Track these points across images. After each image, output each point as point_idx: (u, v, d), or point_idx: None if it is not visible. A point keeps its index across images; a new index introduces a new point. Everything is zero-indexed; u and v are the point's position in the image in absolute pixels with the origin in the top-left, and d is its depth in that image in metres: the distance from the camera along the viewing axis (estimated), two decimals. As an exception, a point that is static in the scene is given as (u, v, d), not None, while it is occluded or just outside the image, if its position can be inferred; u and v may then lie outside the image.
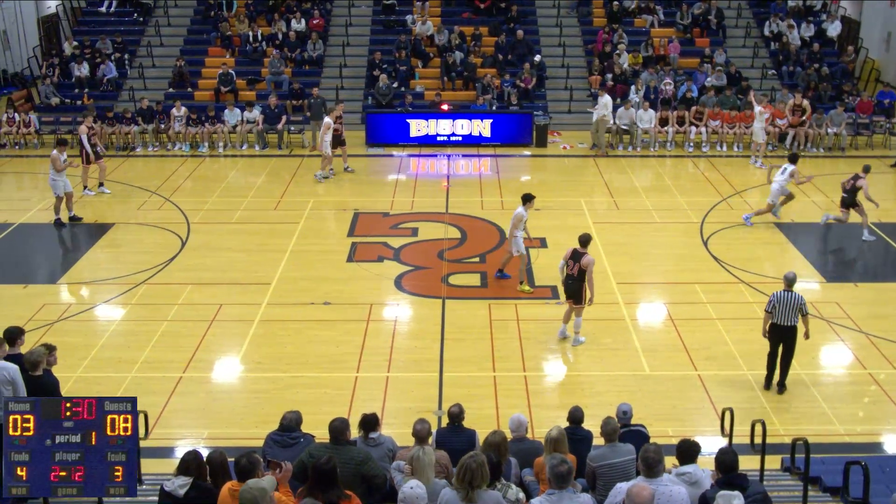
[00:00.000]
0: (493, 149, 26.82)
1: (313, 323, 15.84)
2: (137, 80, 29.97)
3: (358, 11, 32.83)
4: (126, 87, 29.73)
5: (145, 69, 30.35)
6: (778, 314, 13.11)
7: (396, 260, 18.58)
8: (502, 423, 11.99)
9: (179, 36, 32.14)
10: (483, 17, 32.25)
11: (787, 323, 13.11)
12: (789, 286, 13.17)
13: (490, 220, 20.80)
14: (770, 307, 13.18)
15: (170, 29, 32.36)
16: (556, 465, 7.53)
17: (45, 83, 29.49)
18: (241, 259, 18.61)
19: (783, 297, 13.08)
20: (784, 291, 13.11)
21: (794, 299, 13.05)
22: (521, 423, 9.73)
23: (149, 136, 26.85)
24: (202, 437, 12.54)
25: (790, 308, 13.04)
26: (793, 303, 13.03)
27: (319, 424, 9.67)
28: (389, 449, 9.32)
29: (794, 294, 13.10)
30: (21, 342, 10.62)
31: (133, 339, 15.29)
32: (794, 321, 13.11)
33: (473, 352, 14.83)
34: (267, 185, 23.44)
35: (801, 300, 13.08)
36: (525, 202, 16.55)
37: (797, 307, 13.04)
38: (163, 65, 30.59)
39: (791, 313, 13.05)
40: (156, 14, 32.95)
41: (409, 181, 24.16)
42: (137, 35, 32.07)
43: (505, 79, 28.90)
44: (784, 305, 13.06)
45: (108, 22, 32.96)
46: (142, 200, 22.09)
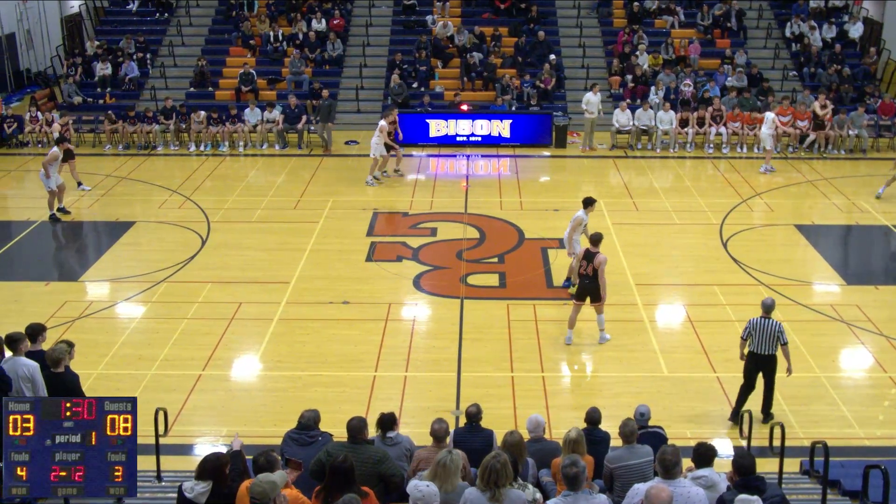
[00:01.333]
0: (513, 149, 26.80)
1: (332, 322, 15.87)
2: (159, 80, 30.12)
3: (378, 12, 32.88)
4: (148, 87, 29.89)
5: (167, 68, 30.51)
6: (755, 342, 12.28)
7: (415, 260, 18.59)
8: (520, 423, 11.97)
9: (201, 35, 32.29)
10: (503, 18, 32.23)
11: (765, 352, 12.27)
12: (766, 313, 12.28)
13: (509, 220, 20.78)
14: (745, 334, 12.42)
15: (191, 28, 32.51)
16: (567, 466, 7.50)
17: (67, 82, 29.68)
18: (260, 258, 18.67)
19: (760, 324, 12.22)
20: (761, 318, 12.25)
21: (773, 327, 12.17)
22: (539, 424, 9.71)
23: (170, 135, 26.99)
24: (221, 434, 12.58)
25: (768, 336, 12.17)
26: (770, 330, 12.16)
27: (337, 423, 9.69)
28: (407, 448, 9.32)
29: (772, 321, 12.23)
30: (42, 339, 10.68)
31: (153, 337, 15.37)
32: (772, 350, 12.24)
33: (491, 352, 14.81)
34: (287, 185, 23.51)
35: (780, 328, 12.20)
36: (586, 206, 16.26)
37: (775, 335, 12.16)
38: (184, 64, 30.74)
39: (769, 342, 12.18)
40: (178, 14, 33.11)
41: (429, 181, 24.17)
42: (159, 34, 32.24)
43: (525, 79, 28.87)
44: (761, 333, 12.21)
45: (130, 21, 33.16)
46: (162, 199, 22.19)
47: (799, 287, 17.29)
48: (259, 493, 6.93)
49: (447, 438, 9.16)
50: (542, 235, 19.80)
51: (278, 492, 7.09)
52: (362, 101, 29.18)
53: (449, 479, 7.73)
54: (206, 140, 26.63)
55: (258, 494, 6.93)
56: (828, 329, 15.66)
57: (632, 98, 28.15)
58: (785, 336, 12.24)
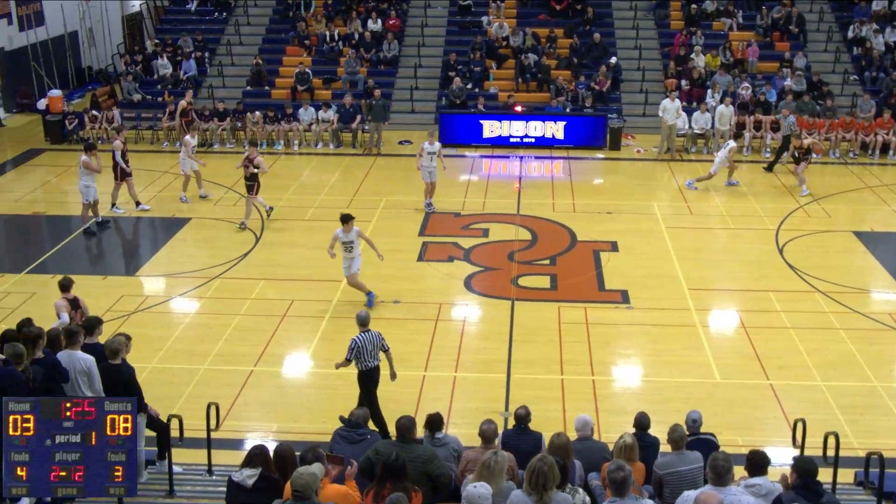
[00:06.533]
0: (566, 151, 26.67)
1: (383, 321, 15.87)
2: (216, 78, 30.48)
3: (434, 12, 32.92)
4: (205, 85, 30.26)
5: (224, 67, 30.86)
6: None
7: (466, 260, 18.59)
8: (569, 426, 11.88)
9: (258, 35, 32.60)
10: (559, 19, 32.10)
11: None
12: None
13: (561, 222, 20.68)
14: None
15: (249, 28, 32.85)
16: (613, 471, 7.44)
17: (127, 80, 30.15)
18: (313, 256, 18.77)
19: None
20: None
21: None
22: (587, 423, 9.64)
23: (226, 133, 27.28)
24: (271, 430, 12.70)
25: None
26: None
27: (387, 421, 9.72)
28: (454, 449, 9.32)
29: None
30: (99, 332, 10.88)
31: (206, 332, 15.55)
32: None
33: (541, 354, 14.75)
34: (340, 184, 23.64)
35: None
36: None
37: None
38: (241, 63, 31.06)
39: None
40: (236, 13, 33.47)
41: (481, 182, 24.15)
42: (218, 34, 32.62)
43: (579, 81, 28.72)
44: None
45: (189, 20, 33.60)
46: (218, 196, 22.44)
47: (856, 295, 16.96)
48: (301, 485, 7.02)
49: (496, 440, 9.15)
50: (595, 238, 19.67)
51: (319, 484, 7.16)
52: (416, 102, 29.25)
53: (494, 480, 7.70)
54: (261, 138, 26.87)
55: (300, 487, 7.02)
56: (885, 338, 15.34)
57: (687, 101, 27.84)
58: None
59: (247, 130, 27.02)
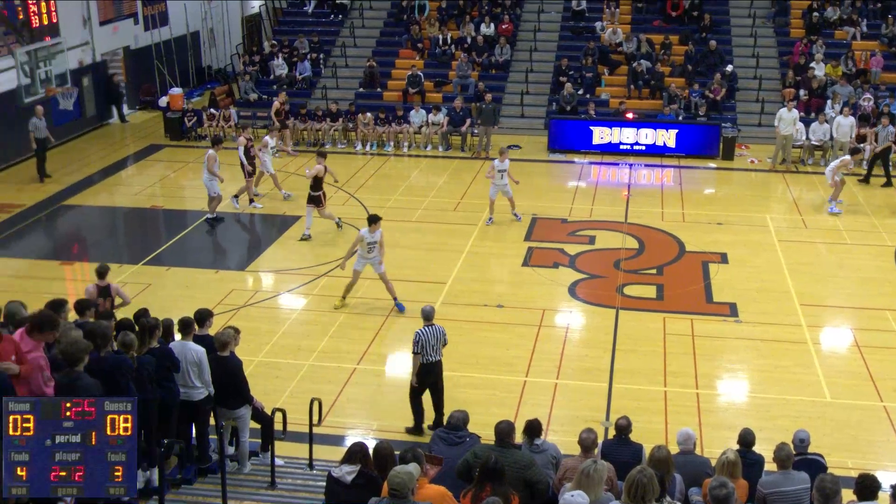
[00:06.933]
0: (677, 160, 26.25)
1: (485, 325, 15.95)
2: (330, 79, 31.01)
3: (547, 17, 32.81)
4: (319, 86, 30.82)
5: (338, 69, 31.37)
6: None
7: (572, 267, 18.47)
8: (671, 439, 11.72)
9: (372, 37, 33.05)
10: (674, 26, 31.61)
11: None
12: None
13: (670, 232, 20.37)
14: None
15: (363, 30, 33.32)
16: (715, 487, 7.30)
17: (244, 79, 30.93)
18: (418, 257, 18.95)
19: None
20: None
21: None
22: (690, 437, 9.48)
23: (337, 133, 27.72)
24: (372, 428, 12.85)
25: None
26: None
27: (485, 425, 9.74)
28: (553, 456, 9.27)
29: None
30: (209, 324, 11.18)
31: (312, 329, 15.83)
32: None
33: (645, 364, 14.57)
34: (448, 186, 23.77)
35: None
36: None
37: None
38: (355, 65, 31.53)
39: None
40: (351, 15, 34.00)
41: (589, 188, 23.96)
42: (333, 35, 33.19)
43: (693, 89, 28.23)
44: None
45: (306, 22, 34.28)
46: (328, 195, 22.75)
47: (980, 317, 16.24)
48: (398, 483, 7.10)
49: (595, 449, 9.07)
50: (704, 249, 19.32)
51: (415, 483, 7.22)
52: (526, 107, 29.20)
53: (592, 489, 7.62)
54: (372, 139, 27.23)
55: (397, 486, 7.10)
56: None
57: (805, 111, 27.09)
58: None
59: (358, 131, 27.40)
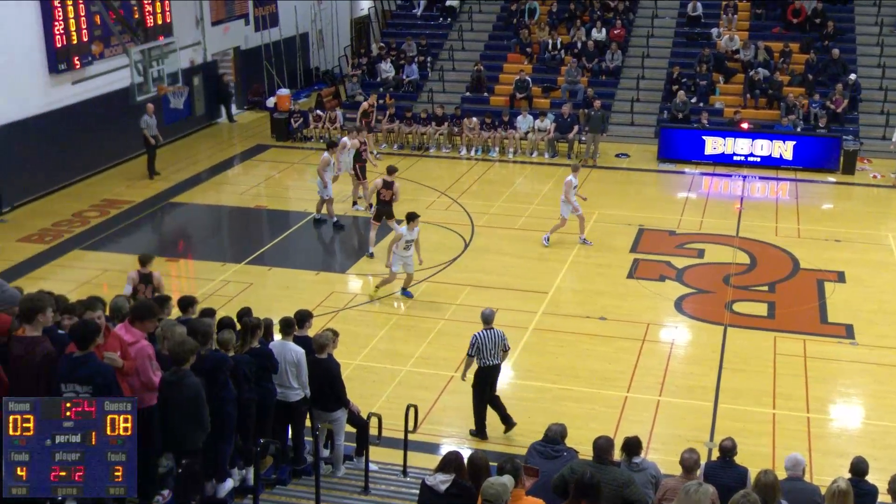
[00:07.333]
0: (794, 173, 25.67)
1: (587, 337, 15.89)
2: (437, 83, 31.29)
3: (661, 23, 32.47)
4: (426, 89, 31.13)
5: (445, 72, 31.64)
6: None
7: (679, 281, 18.26)
8: (778, 464, 11.48)
9: (480, 41, 33.21)
10: (795, 33, 30.93)
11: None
12: None
13: (784, 247, 19.94)
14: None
15: (472, 34, 33.52)
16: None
17: (351, 81, 31.45)
18: (520, 265, 18.98)
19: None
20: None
21: None
22: (799, 463, 9.28)
23: (442, 137, 27.96)
24: (467, 437, 12.93)
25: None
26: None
27: (584, 440, 9.71)
28: (652, 475, 9.20)
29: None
30: (309, 325, 11.42)
31: (410, 334, 16.01)
32: None
33: (753, 385, 14.32)
34: (553, 194, 23.61)
35: None
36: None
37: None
38: (462, 69, 31.73)
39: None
40: (460, 19, 34.24)
41: (700, 200, 23.63)
42: (441, 39, 33.49)
43: (813, 99, 27.56)
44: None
45: (415, 25, 34.67)
46: (431, 200, 23.02)
47: None
48: (492, 494, 7.17)
49: (697, 470, 8.97)
50: (820, 266, 18.87)
51: (509, 495, 7.28)
52: (637, 114, 28.95)
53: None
54: (477, 144, 27.37)
55: (491, 497, 7.17)
56: None
57: (935, 125, 26.23)
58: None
59: (463, 136, 27.58)
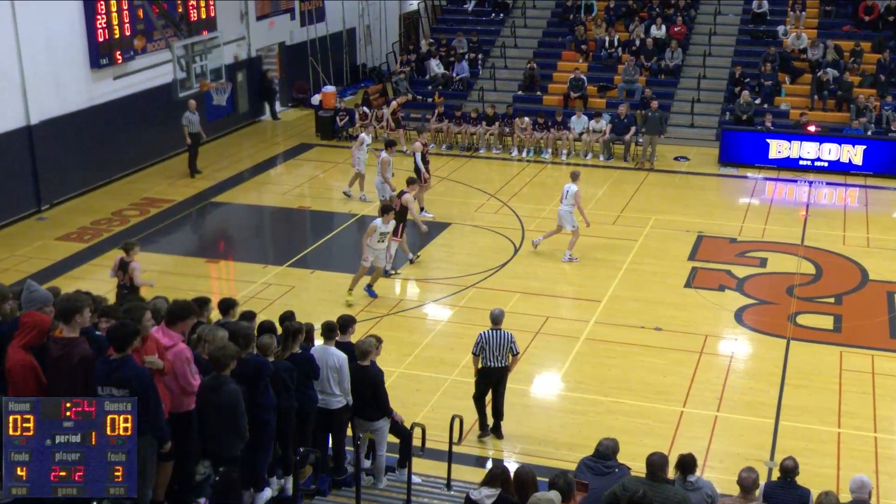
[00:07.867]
0: (864, 179, 25.22)
1: (641, 348, 15.71)
2: (488, 81, 31.20)
3: (725, 20, 32.11)
4: (476, 87, 31.06)
5: (497, 70, 31.54)
6: None
7: (739, 291, 17.99)
8: (842, 486, 11.25)
9: (534, 38, 33.08)
10: (867, 32, 30.42)
11: None
12: None
13: (852, 257, 19.57)
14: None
15: (525, 30, 33.40)
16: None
17: (399, 78, 31.46)
18: (572, 272, 18.84)
19: None
20: None
21: None
22: (865, 485, 9.05)
23: (493, 138, 27.84)
24: (514, 451, 12.82)
25: None
26: None
27: (637, 456, 9.58)
28: (708, 495, 9.03)
29: None
30: (352, 331, 11.38)
31: (457, 342, 15.91)
32: None
33: (817, 402, 14.06)
34: (607, 198, 23.52)
35: None
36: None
37: None
38: (514, 66, 31.61)
39: None
40: (513, 14, 34.13)
41: (763, 206, 23.29)
42: (493, 35, 33.40)
43: (886, 101, 27.07)
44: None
45: (465, 21, 34.62)
46: (480, 202, 22.94)
47: None
48: None
49: (756, 490, 8.81)
50: (890, 278, 18.49)
51: None
52: (697, 115, 28.63)
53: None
54: (528, 145, 27.23)
55: None
56: None
57: None
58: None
59: (514, 136, 27.46)
